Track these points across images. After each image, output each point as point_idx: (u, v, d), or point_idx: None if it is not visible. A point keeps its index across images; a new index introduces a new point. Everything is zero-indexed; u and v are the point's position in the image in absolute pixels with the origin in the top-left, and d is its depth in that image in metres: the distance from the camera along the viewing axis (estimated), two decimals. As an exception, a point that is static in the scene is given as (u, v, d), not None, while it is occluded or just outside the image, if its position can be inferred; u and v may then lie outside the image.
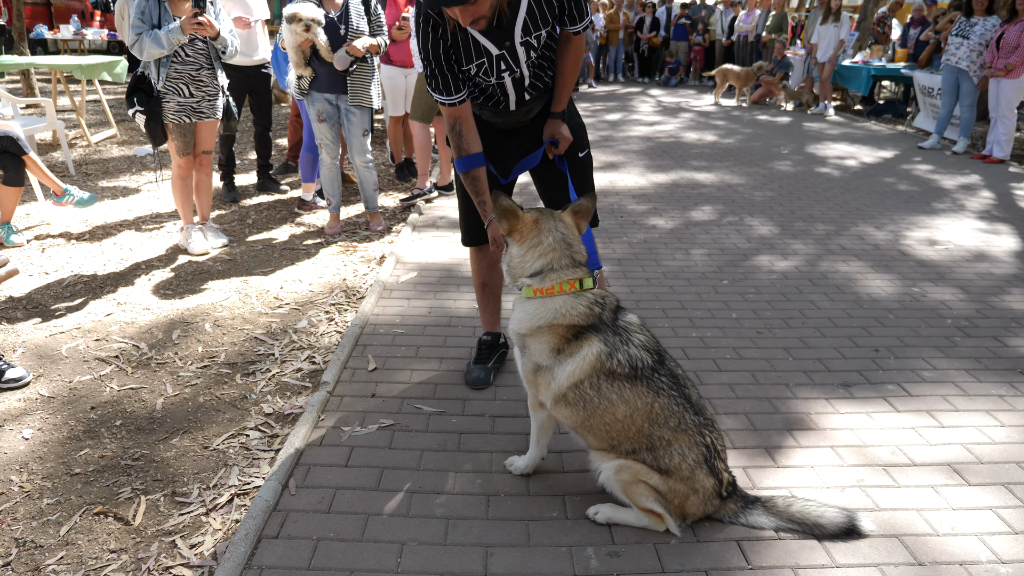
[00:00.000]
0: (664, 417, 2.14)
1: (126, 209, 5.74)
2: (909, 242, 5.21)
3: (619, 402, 2.15)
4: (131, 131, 8.91)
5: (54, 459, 2.64)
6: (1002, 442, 2.75)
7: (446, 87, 2.59)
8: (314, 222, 5.55)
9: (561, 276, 2.23)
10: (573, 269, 2.26)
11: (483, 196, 2.69)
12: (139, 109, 4.36)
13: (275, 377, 3.23)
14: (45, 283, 4.23)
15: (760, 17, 14.70)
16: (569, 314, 2.21)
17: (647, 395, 2.14)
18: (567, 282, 2.23)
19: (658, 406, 2.14)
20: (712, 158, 8.25)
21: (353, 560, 2.13)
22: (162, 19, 4.25)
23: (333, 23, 4.68)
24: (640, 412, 2.14)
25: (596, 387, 2.16)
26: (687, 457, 2.14)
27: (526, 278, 2.28)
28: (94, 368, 3.28)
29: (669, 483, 2.15)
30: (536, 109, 2.87)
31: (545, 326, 2.23)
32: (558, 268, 2.24)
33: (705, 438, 2.16)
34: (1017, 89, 7.95)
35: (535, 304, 2.25)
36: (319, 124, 4.91)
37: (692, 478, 2.14)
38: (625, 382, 2.15)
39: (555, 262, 2.25)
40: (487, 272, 3.20)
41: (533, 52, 2.63)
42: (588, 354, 2.17)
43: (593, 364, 2.17)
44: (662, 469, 2.15)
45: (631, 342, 2.20)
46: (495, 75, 2.65)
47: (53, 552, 2.19)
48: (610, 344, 2.17)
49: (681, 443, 2.14)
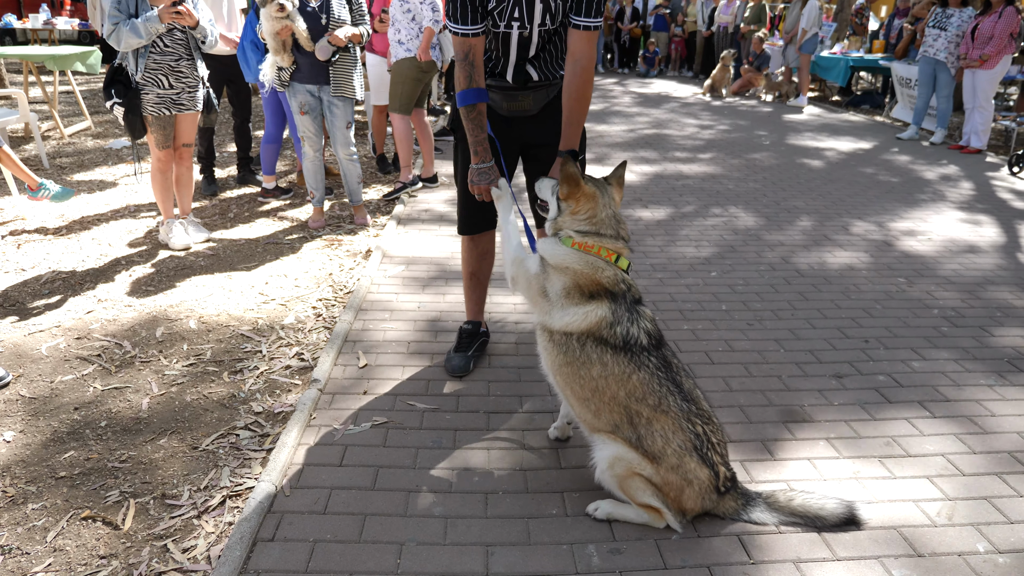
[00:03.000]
0: (642, 392, 2.15)
1: (103, 203, 5.61)
2: (892, 233, 5.25)
3: (597, 362, 2.19)
4: (106, 123, 8.72)
5: (38, 462, 2.56)
6: (993, 431, 2.77)
7: (463, 15, 2.57)
8: (297, 216, 5.46)
9: (604, 243, 2.30)
10: (616, 241, 2.33)
11: (482, 135, 2.66)
12: (117, 101, 4.24)
13: (264, 375, 3.17)
14: (22, 280, 4.12)
15: (739, 8, 14.74)
16: (600, 272, 2.26)
17: (626, 365, 2.17)
18: (607, 249, 2.29)
19: (636, 379, 2.16)
20: (695, 149, 8.26)
21: (352, 562, 2.09)
22: (139, 8, 4.14)
23: (314, 13, 4.59)
24: (615, 377, 2.17)
25: (582, 343, 2.21)
26: (671, 441, 2.12)
27: (572, 231, 2.32)
28: (76, 367, 3.20)
29: (661, 472, 2.13)
30: (539, 103, 2.85)
31: (575, 269, 2.27)
32: (604, 235, 2.32)
33: (695, 426, 2.15)
34: (993, 80, 8.05)
35: (572, 251, 2.29)
36: (301, 116, 4.82)
37: (682, 466, 2.12)
38: (609, 348, 2.19)
39: (603, 230, 2.32)
40: (477, 262, 3.19)
41: (549, 17, 2.60)
42: (592, 314, 2.22)
43: (592, 325, 2.21)
44: (648, 453, 2.14)
45: (636, 323, 2.22)
46: (505, 19, 2.61)
47: (40, 559, 2.13)
48: (616, 316, 2.21)
49: (663, 424, 2.14)
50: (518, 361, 3.28)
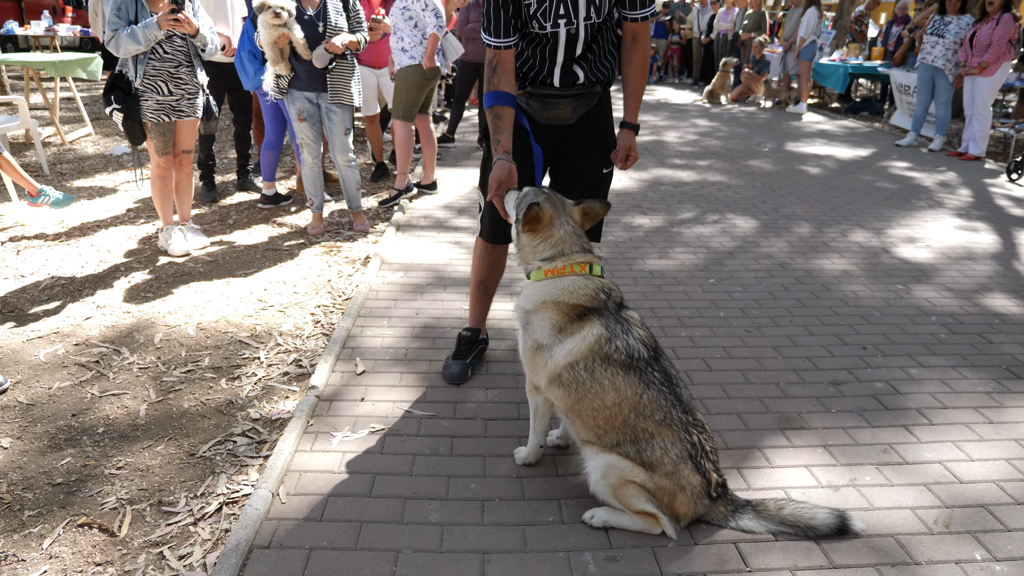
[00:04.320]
0: (651, 410, 2.16)
1: (103, 209, 5.62)
2: (891, 239, 5.25)
3: (610, 388, 2.18)
4: (106, 129, 8.74)
5: (35, 469, 2.56)
6: (990, 439, 2.77)
7: (498, 29, 2.63)
8: (296, 222, 5.47)
9: (572, 259, 2.33)
10: (583, 254, 2.36)
11: (501, 135, 2.66)
12: (117, 107, 4.25)
13: (261, 381, 3.17)
14: (21, 286, 4.12)
15: (738, 15, 14.78)
16: (576, 293, 2.27)
17: (638, 386, 2.17)
18: (578, 264, 2.32)
19: (647, 398, 2.17)
20: (693, 156, 8.27)
21: (347, 569, 2.09)
22: (139, 15, 4.15)
23: (311, 20, 4.61)
24: (628, 401, 2.17)
25: (591, 369, 2.20)
26: (669, 452, 2.14)
27: (538, 261, 2.38)
28: (74, 373, 3.20)
29: (655, 479, 2.14)
30: (578, 112, 2.86)
31: (551, 302, 2.30)
32: (569, 253, 2.35)
33: (692, 436, 2.16)
34: (991, 87, 8.07)
35: (545, 282, 2.34)
36: (300, 123, 4.84)
37: (676, 473, 2.14)
38: (619, 369, 2.18)
39: (566, 249, 2.36)
40: (488, 271, 3.19)
41: (593, 9, 2.63)
42: (589, 335, 2.22)
43: (592, 345, 2.21)
44: (645, 463, 2.15)
45: (630, 333, 2.24)
46: (551, 19, 2.63)
47: (36, 566, 2.13)
48: (611, 330, 2.22)
49: (664, 437, 2.15)
50: (516, 368, 3.28)
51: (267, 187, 5.89)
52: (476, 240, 3.17)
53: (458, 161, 7.69)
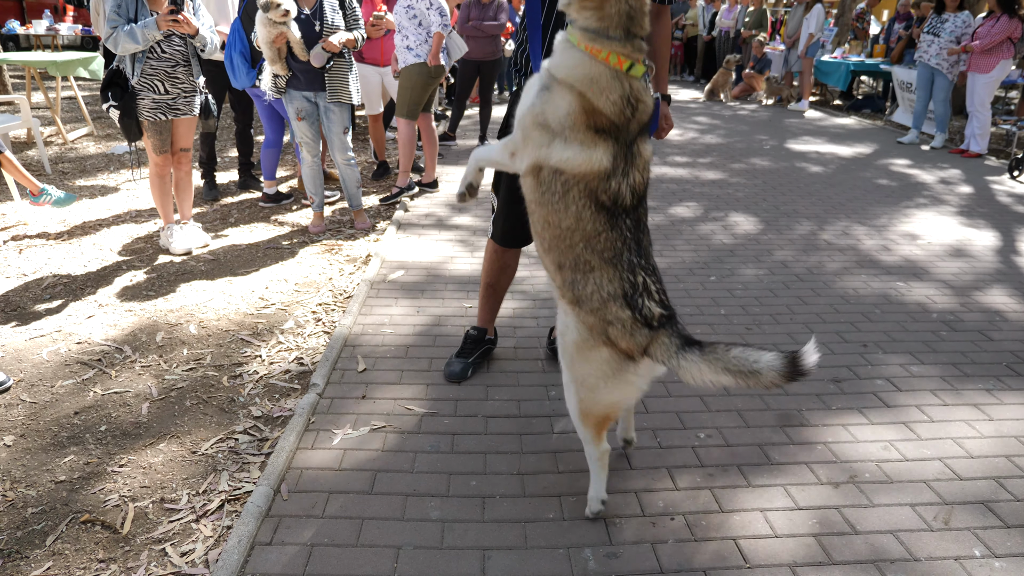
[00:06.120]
0: (603, 247, 2.05)
1: (105, 208, 5.63)
2: (892, 237, 5.25)
3: (574, 216, 2.05)
4: (108, 128, 8.75)
5: (38, 466, 2.57)
6: (991, 436, 2.78)
7: None
8: (297, 220, 5.48)
9: (612, 46, 1.98)
10: (623, 43, 1.98)
11: None
12: (113, 104, 4.26)
13: (263, 379, 3.18)
14: (23, 284, 4.13)
15: (740, 12, 14.76)
16: (600, 94, 1.98)
17: (603, 225, 2.04)
18: (616, 55, 1.98)
19: (604, 237, 2.04)
20: (695, 153, 8.27)
21: (349, 566, 2.10)
22: (139, 13, 4.16)
23: (308, 20, 4.60)
24: (584, 234, 2.05)
25: (568, 188, 2.04)
26: (602, 289, 2.05)
27: (580, 27, 2.02)
28: (76, 372, 3.21)
29: (581, 315, 2.09)
30: None
31: (577, 88, 2.00)
32: (612, 37, 1.98)
33: (637, 277, 2.05)
34: (989, 84, 8.06)
35: (579, 56, 2.00)
36: (298, 122, 4.84)
37: (603, 309, 2.05)
38: (594, 206, 2.03)
39: (610, 29, 1.98)
40: (497, 274, 3.17)
41: None
42: (591, 159, 2.00)
43: (586, 174, 2.02)
44: (576, 297, 2.09)
45: (629, 175, 2.04)
46: None
47: (39, 563, 2.14)
48: (615, 166, 2.01)
49: (604, 273, 2.05)
50: (517, 366, 3.28)
51: (268, 186, 5.90)
52: (488, 242, 3.14)
53: (459, 159, 7.69)
